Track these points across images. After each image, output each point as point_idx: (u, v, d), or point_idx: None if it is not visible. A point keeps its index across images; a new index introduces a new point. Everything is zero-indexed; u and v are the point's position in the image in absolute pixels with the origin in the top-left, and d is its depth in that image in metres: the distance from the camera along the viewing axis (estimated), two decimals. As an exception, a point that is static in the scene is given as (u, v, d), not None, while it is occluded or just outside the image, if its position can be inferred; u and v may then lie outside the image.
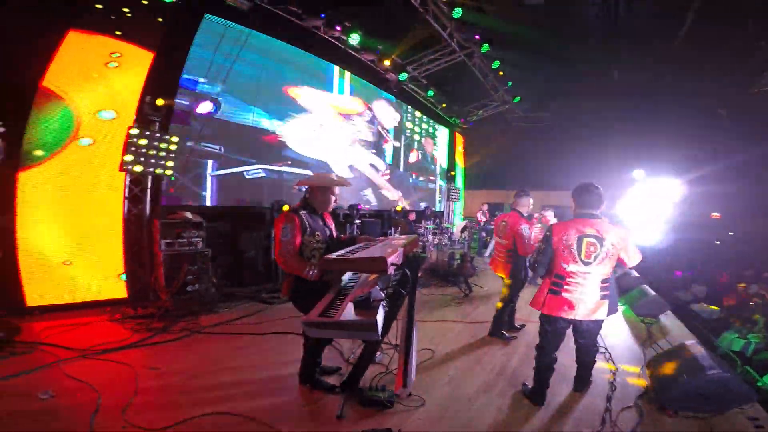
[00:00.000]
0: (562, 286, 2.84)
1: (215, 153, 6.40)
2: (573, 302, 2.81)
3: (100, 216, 4.97)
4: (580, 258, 2.78)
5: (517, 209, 4.28)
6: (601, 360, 3.92)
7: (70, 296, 4.68)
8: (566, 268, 2.82)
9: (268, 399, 2.90)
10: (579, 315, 2.81)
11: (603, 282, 2.80)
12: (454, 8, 7.55)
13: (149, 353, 3.67)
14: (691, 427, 2.75)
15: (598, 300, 2.80)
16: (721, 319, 7.17)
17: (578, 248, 2.78)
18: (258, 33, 6.71)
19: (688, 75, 10.86)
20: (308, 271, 2.69)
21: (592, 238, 2.76)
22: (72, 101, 4.72)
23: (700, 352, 3.22)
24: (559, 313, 2.86)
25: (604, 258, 2.75)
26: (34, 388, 2.83)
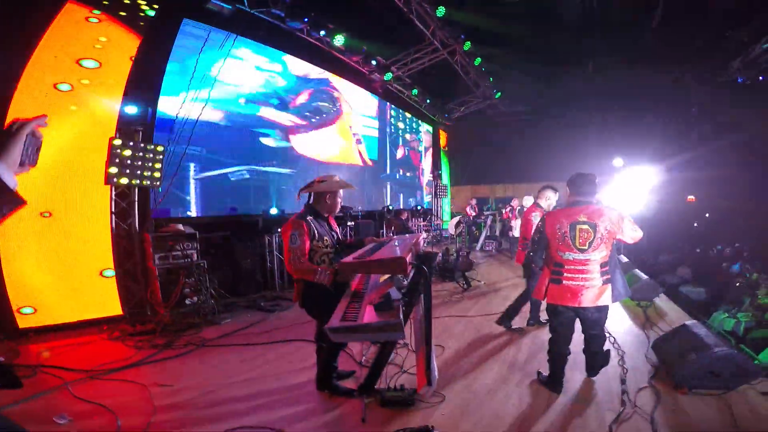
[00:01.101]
0: (562, 274, 2.88)
1: (196, 155, 6.23)
2: (575, 289, 2.84)
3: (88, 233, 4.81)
4: (575, 246, 2.82)
5: (538, 202, 4.47)
6: (606, 344, 4.04)
7: (62, 316, 4.52)
8: (563, 256, 2.87)
9: (289, 409, 2.86)
10: (584, 302, 2.83)
11: (602, 267, 2.84)
12: (437, 7, 7.59)
13: (157, 370, 3.57)
14: (708, 404, 2.83)
15: (601, 285, 2.83)
16: (709, 300, 7.45)
17: (572, 236, 2.82)
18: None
19: (661, 66, 11.22)
20: (319, 277, 2.68)
21: (584, 225, 2.80)
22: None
23: (704, 331, 3.35)
24: (562, 301, 2.90)
25: (600, 243, 2.80)
26: (47, 412, 2.72)
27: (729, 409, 2.73)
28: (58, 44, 4.55)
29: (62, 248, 4.61)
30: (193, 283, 5.09)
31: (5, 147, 1.01)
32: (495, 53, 10.75)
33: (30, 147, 1.08)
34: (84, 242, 4.78)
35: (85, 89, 4.77)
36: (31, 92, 4.37)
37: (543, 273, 3.07)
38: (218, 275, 5.93)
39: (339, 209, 3.11)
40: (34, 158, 1.11)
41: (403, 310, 2.37)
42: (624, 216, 2.86)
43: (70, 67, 4.66)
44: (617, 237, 2.86)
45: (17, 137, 1.04)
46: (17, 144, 1.03)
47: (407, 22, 8.03)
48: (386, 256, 2.38)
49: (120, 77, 5.06)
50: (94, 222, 4.88)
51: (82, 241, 4.76)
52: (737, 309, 6.10)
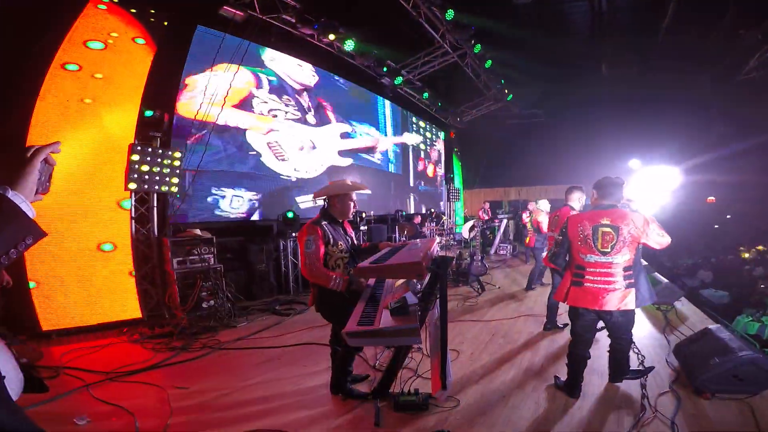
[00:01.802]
0: (584, 276, 2.87)
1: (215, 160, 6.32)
2: (596, 292, 2.82)
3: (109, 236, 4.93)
4: (596, 248, 2.81)
5: (569, 204, 4.39)
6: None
7: (84, 319, 4.62)
8: (584, 258, 2.86)
9: (304, 412, 2.88)
10: (606, 305, 2.79)
11: (626, 270, 2.78)
12: (447, 10, 7.60)
13: (175, 373, 3.63)
14: (730, 408, 2.76)
15: (624, 289, 2.77)
16: (731, 304, 7.25)
17: (594, 238, 2.81)
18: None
19: (675, 66, 11.03)
20: (333, 284, 2.70)
21: (607, 228, 2.78)
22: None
23: (728, 335, 3.27)
24: (583, 304, 2.88)
25: (622, 246, 2.76)
26: (68, 413, 2.78)
27: (752, 414, 2.66)
28: (76, 53, 4.71)
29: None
30: (209, 286, 5.16)
31: (21, 176, 0.97)
32: (506, 56, 10.69)
33: (43, 174, 1.04)
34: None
35: (102, 97, 4.91)
36: (52, 102, 4.52)
37: (565, 275, 3.06)
38: (234, 279, 6.01)
39: (352, 213, 3.13)
40: (47, 186, 1.07)
41: (419, 314, 2.37)
42: (650, 221, 2.81)
43: (87, 76, 4.81)
44: (642, 242, 2.80)
45: (32, 165, 1.00)
46: (33, 172, 1.00)
47: (417, 26, 8.06)
48: (403, 260, 2.39)
49: (137, 84, 5.19)
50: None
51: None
52: (761, 312, 5.92)
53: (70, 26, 4.65)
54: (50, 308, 4.42)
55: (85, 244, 4.72)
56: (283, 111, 7.53)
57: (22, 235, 0.95)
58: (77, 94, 4.73)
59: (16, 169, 0.98)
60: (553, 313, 4.57)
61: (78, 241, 4.67)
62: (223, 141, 6.46)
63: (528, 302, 5.98)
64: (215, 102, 5.79)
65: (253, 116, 6.94)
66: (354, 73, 9.09)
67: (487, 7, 8.98)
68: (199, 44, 6.06)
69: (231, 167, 6.56)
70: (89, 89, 4.82)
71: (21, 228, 0.95)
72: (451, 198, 14.29)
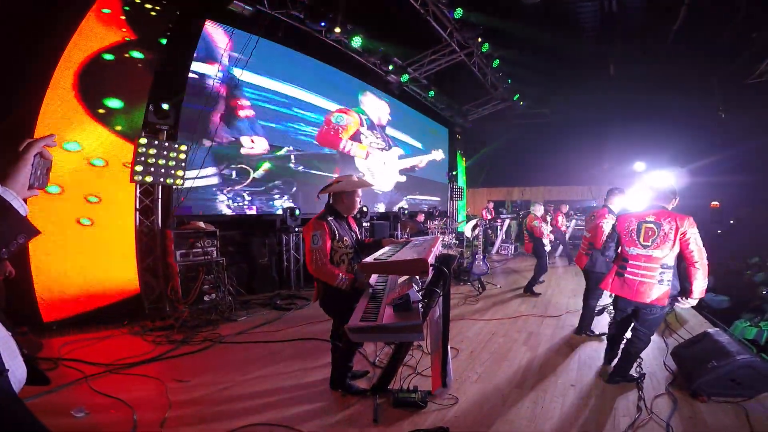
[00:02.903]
0: (626, 268, 3.15)
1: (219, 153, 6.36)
2: (632, 283, 3.08)
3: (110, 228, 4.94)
4: (639, 241, 3.07)
5: (608, 206, 4.44)
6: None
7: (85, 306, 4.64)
8: (628, 251, 3.15)
9: (303, 406, 2.89)
10: (639, 297, 3.03)
11: (663, 267, 2.97)
12: (455, 8, 7.56)
13: (174, 366, 3.64)
14: (725, 411, 2.78)
15: (656, 284, 2.97)
16: (730, 308, 7.23)
17: (638, 233, 3.09)
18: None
19: (684, 68, 10.95)
20: (338, 283, 2.70)
21: (650, 224, 3.04)
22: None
23: (726, 339, 3.27)
24: (621, 293, 3.17)
25: (662, 242, 2.95)
26: (66, 405, 2.80)
27: (746, 417, 2.69)
28: (87, 45, 4.70)
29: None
30: (211, 280, 5.18)
31: (13, 170, 0.94)
32: (513, 56, 10.64)
33: (39, 169, 1.01)
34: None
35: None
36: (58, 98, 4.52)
37: (612, 268, 3.33)
38: (236, 273, 6.03)
39: (357, 208, 3.12)
40: (45, 180, 1.04)
41: (421, 311, 2.37)
42: (692, 225, 2.90)
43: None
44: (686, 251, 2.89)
45: (25, 159, 0.97)
46: (26, 166, 0.96)
47: (424, 24, 8.02)
48: (407, 257, 2.39)
49: (145, 77, 5.19)
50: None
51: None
52: (760, 318, 5.92)
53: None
54: (52, 297, 4.44)
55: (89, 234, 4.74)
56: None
57: (14, 233, 0.91)
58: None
59: (7, 163, 0.95)
60: (591, 318, 4.51)
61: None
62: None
63: (528, 302, 5.98)
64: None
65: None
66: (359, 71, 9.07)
67: (496, 6, 8.94)
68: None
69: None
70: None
71: (12, 226, 0.91)
72: (455, 197, 14.26)
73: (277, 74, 7.28)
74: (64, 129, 4.47)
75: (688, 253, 2.89)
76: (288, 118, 7.53)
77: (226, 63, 6.25)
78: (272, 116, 7.21)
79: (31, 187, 1.00)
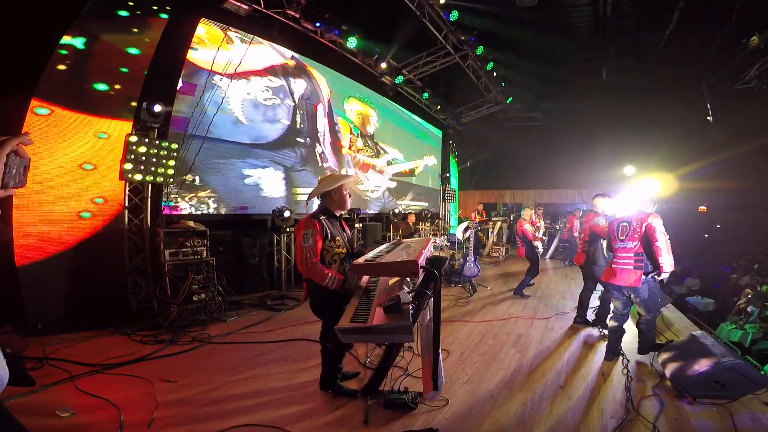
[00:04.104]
0: (614, 259, 3.83)
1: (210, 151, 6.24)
2: (616, 271, 3.75)
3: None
4: (617, 237, 3.80)
5: (594, 209, 5.06)
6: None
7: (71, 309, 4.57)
8: (615, 246, 3.83)
9: (293, 408, 2.87)
10: (619, 282, 3.71)
11: (636, 255, 3.62)
12: (451, 11, 7.59)
13: (162, 366, 3.60)
14: (710, 413, 2.82)
15: (632, 270, 3.63)
16: (716, 311, 7.35)
17: (618, 231, 3.81)
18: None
19: (675, 73, 11.11)
20: (328, 283, 2.69)
21: (625, 223, 3.77)
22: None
23: (711, 341, 3.32)
24: (610, 279, 3.82)
25: (631, 235, 3.65)
26: (51, 405, 2.75)
27: (731, 418, 2.73)
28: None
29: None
30: (201, 280, 5.13)
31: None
32: (507, 59, 10.71)
33: (14, 167, 0.98)
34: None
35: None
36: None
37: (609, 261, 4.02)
38: (226, 273, 5.98)
39: (349, 203, 3.10)
40: (22, 179, 1.01)
41: (412, 313, 2.38)
42: (655, 217, 3.57)
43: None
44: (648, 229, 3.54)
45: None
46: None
47: (420, 26, 8.05)
48: (398, 259, 2.39)
49: (137, 75, 5.14)
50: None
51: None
52: (745, 320, 6.02)
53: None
54: (38, 297, 4.37)
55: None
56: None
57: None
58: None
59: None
60: (584, 308, 5.03)
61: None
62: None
63: (518, 304, 6.02)
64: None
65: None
66: (353, 70, 9.06)
67: (491, 10, 9.00)
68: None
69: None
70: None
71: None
72: (447, 199, 14.30)
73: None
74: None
75: (651, 236, 3.51)
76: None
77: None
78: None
79: (5, 186, 0.97)
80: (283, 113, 7.46)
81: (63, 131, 4.56)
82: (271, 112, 7.23)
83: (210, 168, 6.23)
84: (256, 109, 6.93)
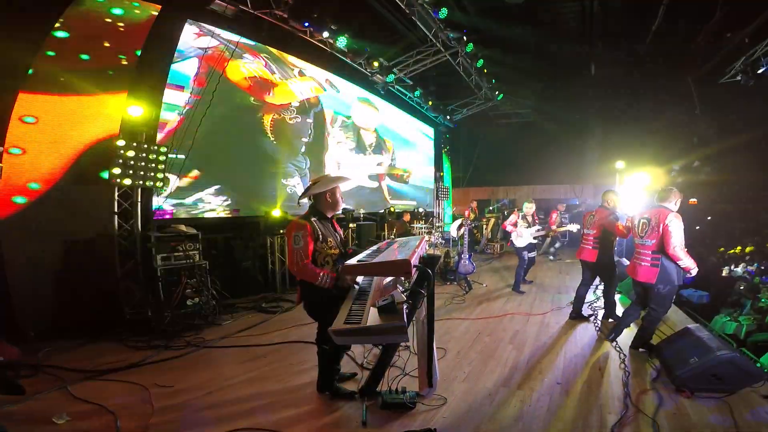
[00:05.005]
0: (634, 255, 3.89)
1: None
2: (636, 266, 3.83)
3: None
4: (638, 233, 3.83)
5: (605, 205, 4.95)
6: (608, 347, 4.04)
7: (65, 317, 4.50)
8: (635, 241, 3.89)
9: (290, 410, 2.85)
10: (637, 276, 3.79)
11: (653, 253, 3.65)
12: (440, 9, 7.58)
13: (157, 371, 3.56)
14: (709, 406, 2.83)
15: (649, 266, 3.68)
16: (710, 303, 7.39)
17: (638, 226, 3.84)
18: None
19: (662, 68, 11.20)
20: (321, 282, 2.67)
21: (645, 219, 3.77)
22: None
23: (707, 335, 3.34)
24: (632, 274, 3.91)
25: (651, 233, 3.66)
26: (47, 412, 2.71)
27: (730, 413, 2.73)
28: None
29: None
30: (194, 284, 5.08)
31: None
32: (497, 56, 10.73)
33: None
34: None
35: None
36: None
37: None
38: (220, 276, 5.93)
39: (341, 205, 3.09)
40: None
41: (406, 312, 2.36)
42: (673, 220, 3.52)
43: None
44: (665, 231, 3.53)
45: None
46: None
47: (410, 24, 8.03)
48: (390, 258, 2.37)
49: (124, 78, 5.07)
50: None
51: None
52: (739, 312, 6.06)
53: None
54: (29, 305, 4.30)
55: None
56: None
57: None
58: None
59: None
60: (579, 303, 5.07)
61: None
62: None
63: (514, 300, 6.04)
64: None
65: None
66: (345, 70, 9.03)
67: (480, 7, 9.00)
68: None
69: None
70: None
71: None
72: (441, 196, 14.32)
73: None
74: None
75: (666, 239, 3.51)
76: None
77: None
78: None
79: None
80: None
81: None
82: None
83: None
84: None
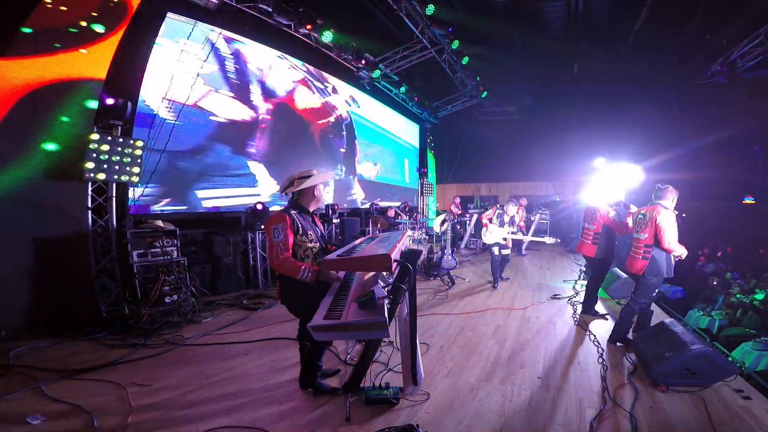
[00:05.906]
0: (632, 249, 3.97)
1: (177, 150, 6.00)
2: (630, 259, 3.94)
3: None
4: (634, 228, 3.97)
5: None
6: (587, 342, 4.12)
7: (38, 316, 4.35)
8: (633, 236, 3.98)
9: (273, 408, 2.82)
10: (631, 269, 3.94)
11: (646, 246, 3.78)
12: (427, 5, 7.56)
13: (135, 370, 3.47)
14: (684, 400, 2.91)
15: (641, 259, 3.81)
16: (684, 299, 7.63)
17: (635, 223, 3.98)
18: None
19: (643, 67, 11.44)
20: (303, 275, 2.64)
21: (640, 215, 3.90)
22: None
23: (680, 329, 3.43)
24: (628, 268, 4.01)
25: (645, 227, 3.78)
26: (20, 412, 2.63)
27: (704, 406, 2.81)
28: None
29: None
30: (172, 281, 4.97)
31: None
32: (482, 53, 10.79)
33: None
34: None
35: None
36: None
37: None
38: (199, 273, 5.83)
39: (323, 200, 3.07)
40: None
41: (387, 308, 2.35)
42: (664, 217, 3.67)
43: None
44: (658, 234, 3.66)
45: None
46: None
47: (396, 20, 7.99)
48: (371, 253, 2.35)
49: (100, 70, 4.90)
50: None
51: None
52: (711, 307, 6.26)
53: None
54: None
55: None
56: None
57: None
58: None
59: None
60: (592, 299, 5.06)
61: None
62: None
63: (496, 295, 6.11)
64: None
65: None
66: (330, 66, 8.94)
67: (466, 3, 9.01)
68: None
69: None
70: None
71: None
72: (425, 192, 14.38)
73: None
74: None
75: (660, 235, 3.64)
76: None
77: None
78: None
79: None
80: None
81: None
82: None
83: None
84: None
